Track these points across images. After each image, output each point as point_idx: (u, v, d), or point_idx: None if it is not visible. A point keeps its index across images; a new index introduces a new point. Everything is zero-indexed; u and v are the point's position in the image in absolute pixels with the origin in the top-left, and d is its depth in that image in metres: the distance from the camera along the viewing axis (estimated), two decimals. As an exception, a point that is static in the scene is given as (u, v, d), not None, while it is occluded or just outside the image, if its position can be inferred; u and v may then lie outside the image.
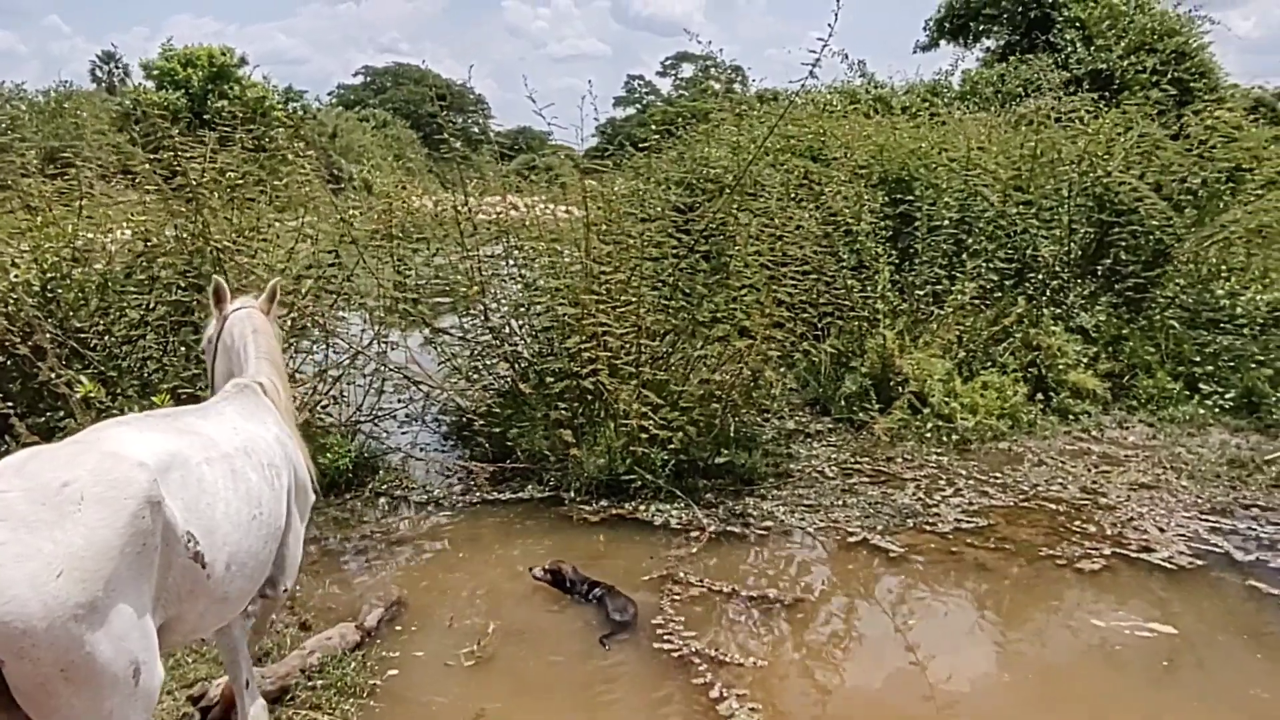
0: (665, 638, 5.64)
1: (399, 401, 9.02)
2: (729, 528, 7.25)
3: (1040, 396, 9.93)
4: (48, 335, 7.55)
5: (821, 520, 7.40)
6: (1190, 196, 11.52)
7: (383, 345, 8.72)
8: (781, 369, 9.03)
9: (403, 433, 9.10)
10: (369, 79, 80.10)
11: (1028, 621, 6.24)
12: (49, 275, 8.02)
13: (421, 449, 8.86)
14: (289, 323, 8.38)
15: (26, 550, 2.56)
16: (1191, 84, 21.49)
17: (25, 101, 25.36)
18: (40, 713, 2.63)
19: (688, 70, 79.07)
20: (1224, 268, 11.15)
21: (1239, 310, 10.49)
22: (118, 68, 51.05)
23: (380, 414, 8.81)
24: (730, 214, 8.94)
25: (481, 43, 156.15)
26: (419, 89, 69.59)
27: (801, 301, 8.46)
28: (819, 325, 9.60)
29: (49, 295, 7.96)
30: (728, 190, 9.52)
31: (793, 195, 10.35)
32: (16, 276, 7.84)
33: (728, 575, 6.53)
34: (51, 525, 2.63)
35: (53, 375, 7.16)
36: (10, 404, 7.07)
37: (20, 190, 8.77)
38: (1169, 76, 19.81)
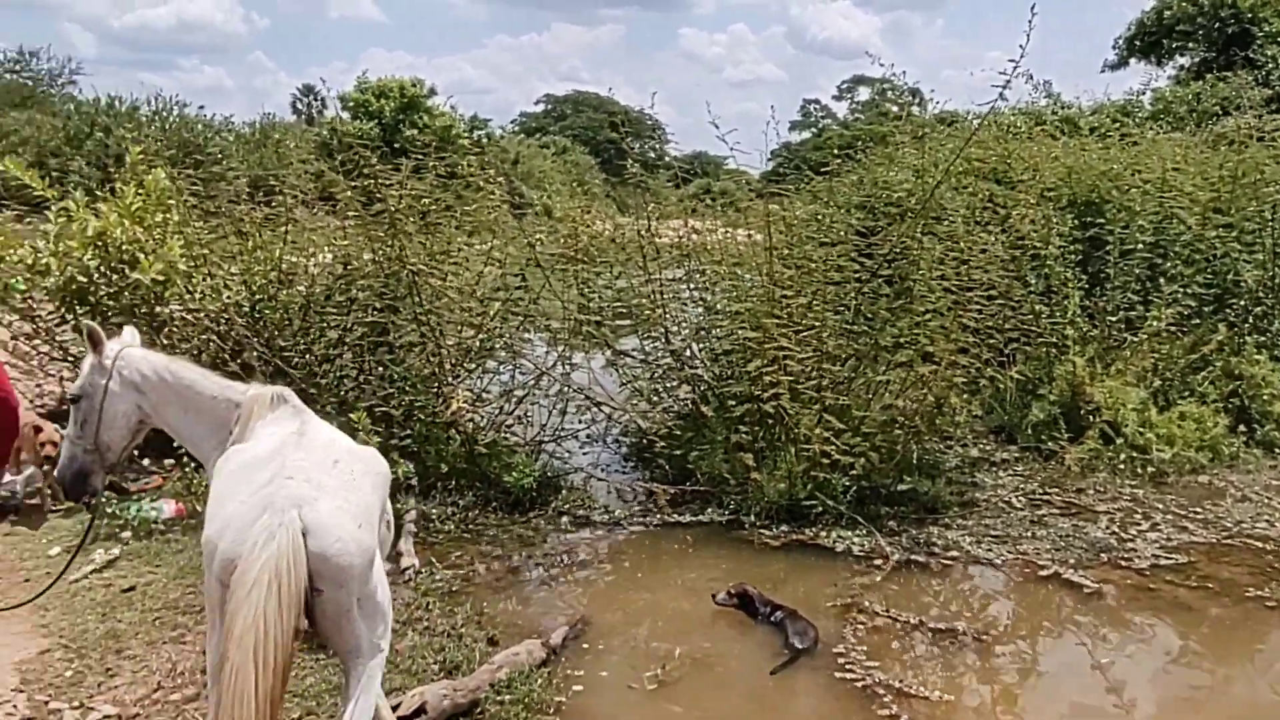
0: (847, 667, 5.56)
1: (581, 422, 9.19)
2: (913, 556, 7.10)
3: (1243, 428, 9.36)
4: (255, 353, 8.02)
5: (1009, 552, 7.17)
6: None
7: (566, 366, 8.93)
8: (966, 395, 8.78)
9: (584, 453, 9.26)
10: (550, 106, 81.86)
11: (1232, 665, 5.90)
12: (257, 296, 8.52)
13: (603, 470, 9.00)
14: (478, 343, 8.69)
15: (342, 505, 3.23)
16: None
17: (233, 133, 27.01)
18: (338, 636, 3.34)
19: (864, 93, 77.92)
20: None
21: None
22: (317, 100, 54.03)
23: (563, 434, 9.01)
24: (913, 238, 8.79)
25: (659, 70, 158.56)
26: (598, 115, 70.98)
27: (987, 327, 8.24)
28: (1005, 351, 9.31)
29: (256, 315, 8.45)
30: (910, 214, 9.38)
31: (977, 219, 10.09)
32: (228, 298, 8.36)
33: (912, 605, 6.41)
34: (345, 489, 3.31)
35: (259, 393, 7.57)
36: (220, 418, 7.49)
37: (232, 216, 9.37)
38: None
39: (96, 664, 5.17)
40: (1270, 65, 21.97)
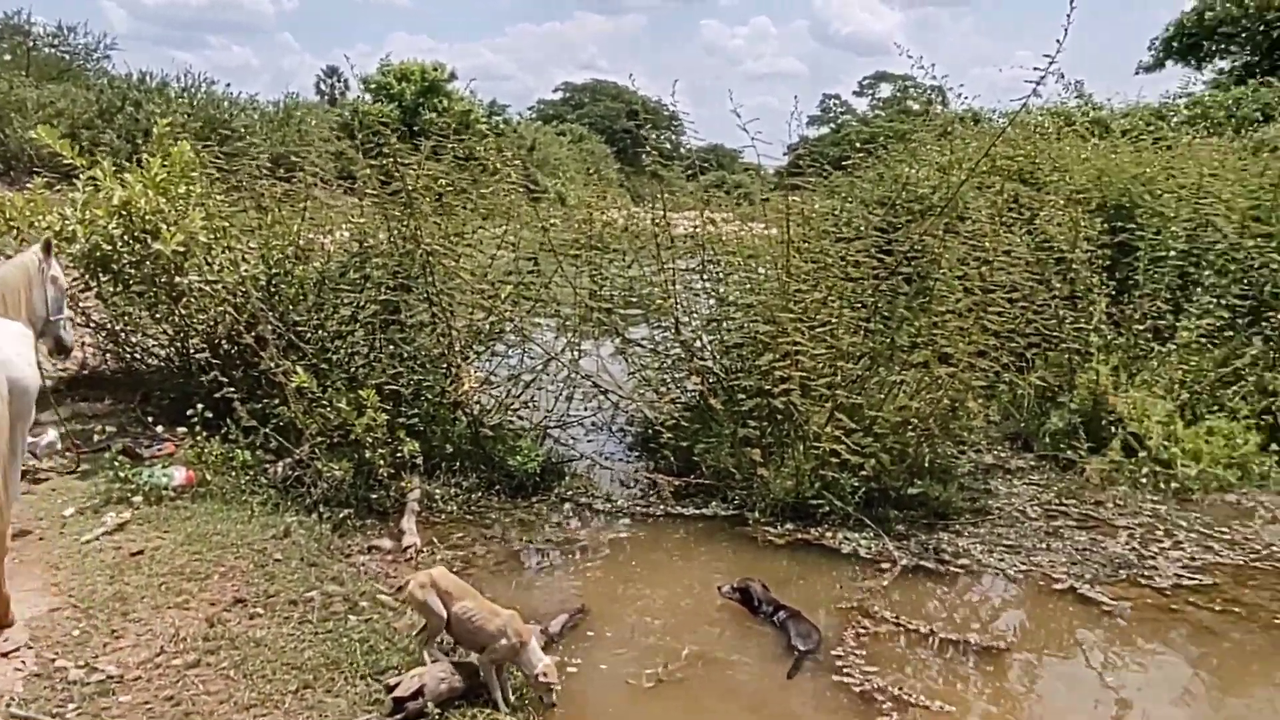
0: (846, 671, 5.42)
1: (587, 409, 9.08)
2: (921, 562, 6.91)
3: (1275, 447, 9.04)
4: (269, 327, 8.00)
5: (1023, 563, 6.95)
6: None
7: (575, 353, 8.81)
8: (983, 399, 8.56)
9: (589, 440, 9.15)
10: (568, 95, 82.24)
11: (1252, 693, 5.67)
12: (274, 271, 8.57)
13: (607, 458, 8.88)
14: (488, 326, 8.61)
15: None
16: None
17: (258, 111, 27.13)
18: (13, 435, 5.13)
19: (885, 90, 77.55)
20: None
21: None
22: (340, 81, 54.29)
23: (569, 421, 8.91)
24: (935, 236, 8.57)
25: (678, 60, 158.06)
26: (615, 105, 71.07)
27: (1008, 330, 8.02)
28: (1025, 356, 9.08)
29: (272, 290, 8.49)
30: (932, 212, 9.16)
31: (1002, 219, 9.85)
32: (246, 271, 8.35)
33: (918, 612, 6.23)
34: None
35: (272, 365, 7.55)
36: (233, 389, 7.49)
37: (253, 191, 9.39)
38: None
39: (103, 625, 5.24)
40: (1315, 73, 21.51)
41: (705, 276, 9.06)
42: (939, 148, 11.93)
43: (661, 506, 7.86)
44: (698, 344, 8.72)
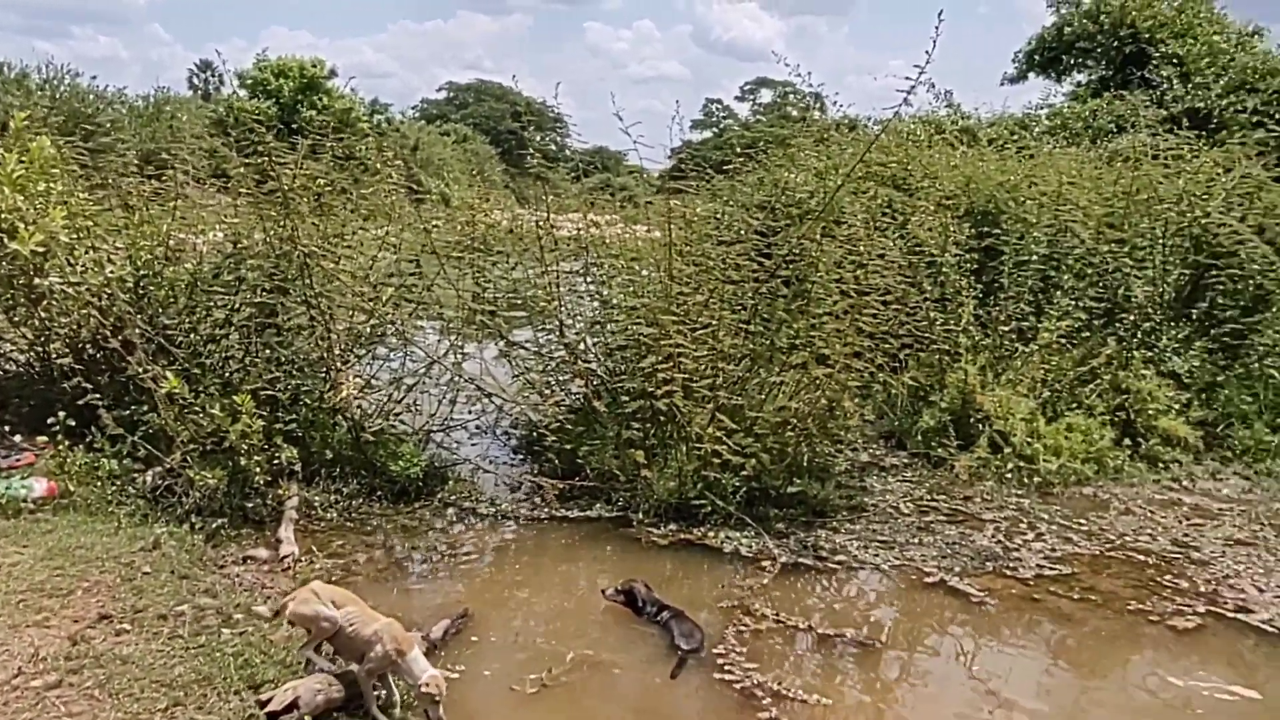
0: (727, 669, 5.52)
1: (471, 413, 9.03)
2: (800, 559, 7.09)
3: (1128, 442, 9.56)
4: (137, 331, 7.71)
5: (896, 558, 7.20)
6: (1294, 240, 11.05)
7: (458, 356, 8.73)
8: (858, 399, 8.82)
9: (473, 444, 9.10)
10: (452, 94, 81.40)
11: (1108, 676, 5.98)
12: (142, 272, 8.21)
13: (491, 461, 8.85)
14: (369, 329, 8.48)
15: None
16: (1295, 126, 20.76)
17: (126, 105, 26.14)
18: None
19: (766, 96, 78.99)
20: (1331, 315, 10.64)
21: (1347, 361, 10.00)
22: (214, 76, 52.64)
23: (452, 424, 8.81)
24: (812, 240, 8.79)
25: (562, 62, 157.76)
26: (500, 105, 70.67)
27: (882, 332, 8.27)
28: (898, 357, 9.38)
29: (140, 292, 8.15)
30: (810, 216, 9.39)
31: (876, 224, 10.16)
32: (112, 272, 8.01)
33: (797, 608, 6.39)
34: None
35: (140, 370, 7.29)
36: (99, 395, 7.20)
37: (119, 189, 9.03)
38: (1274, 118, 19.20)
39: (-45, 646, 4.92)
40: (1165, 86, 22.71)
41: (589, 279, 9.09)
42: (817, 153, 12.20)
43: (546, 509, 7.87)
44: (581, 346, 8.75)
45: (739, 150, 12.45)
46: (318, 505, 7.50)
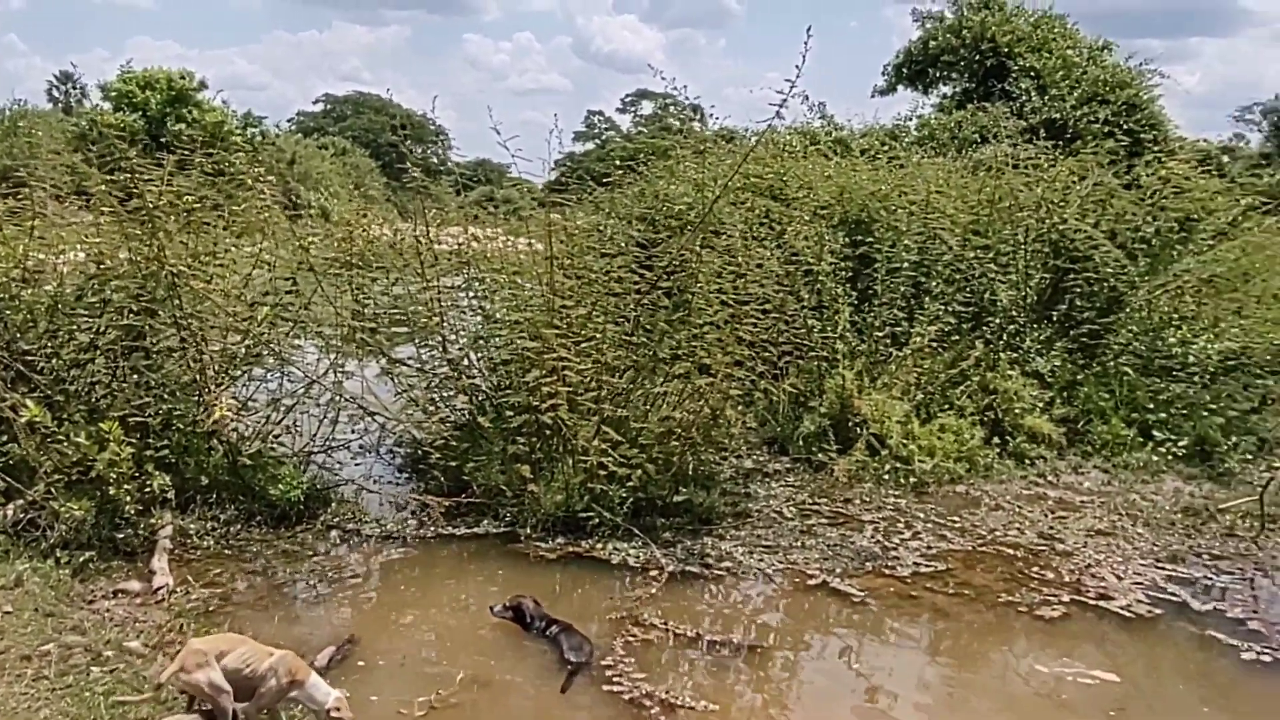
0: (616, 680, 5.56)
1: (353, 432, 8.88)
2: (687, 567, 7.18)
3: (997, 440, 9.97)
4: (-8, 357, 7.35)
5: (780, 562, 7.35)
6: (1143, 245, 11.71)
7: (339, 375, 8.57)
8: (741, 407, 8.99)
9: (356, 464, 8.94)
10: (329, 107, 79.89)
11: (983, 667, 6.25)
12: (-1, 295, 7.80)
13: (375, 481, 8.69)
14: (244, 349, 8.25)
15: None
16: (1142, 135, 21.95)
17: (-23, 118, 24.90)
18: None
19: (647, 107, 79.69)
20: (1176, 316, 11.29)
21: (1190, 358, 10.62)
22: (75, 88, 50.29)
23: (334, 445, 8.65)
24: (692, 251, 8.93)
25: (442, 74, 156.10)
26: (380, 118, 69.72)
27: (762, 340, 8.45)
28: (779, 364, 9.58)
29: (-4, 317, 7.74)
30: (690, 227, 9.52)
31: (754, 234, 10.36)
32: (-38, 297, 7.62)
33: (685, 616, 6.46)
34: None
35: (-3, 399, 6.95)
36: (-46, 427, 6.84)
37: (-31, 209, 8.56)
38: (1122, 128, 20.30)
39: None
40: (1024, 98, 23.73)
41: (471, 293, 9.03)
42: (696, 165, 12.37)
43: (433, 528, 7.78)
44: (465, 362, 8.69)
45: (619, 163, 12.55)
46: (193, 533, 7.27)
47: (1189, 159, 13.97)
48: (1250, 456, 10.12)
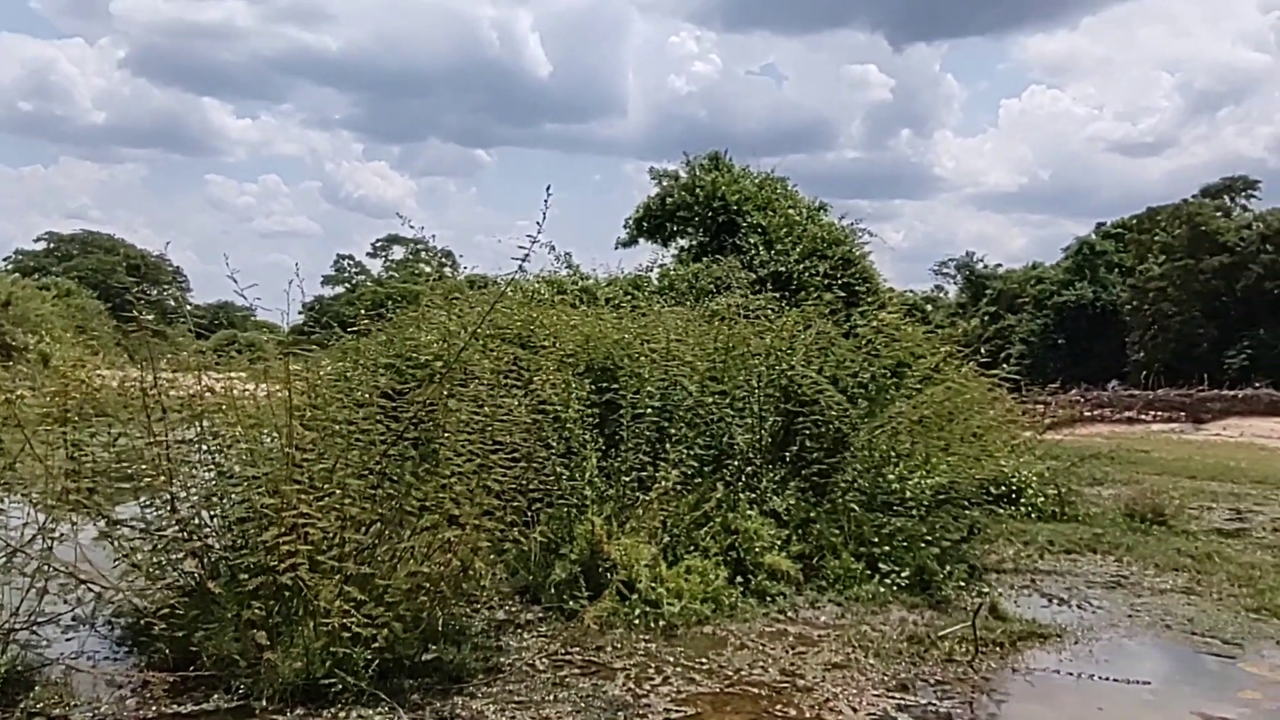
0: None
1: (66, 604, 8.03)
2: (436, 731, 6.90)
3: (740, 579, 10.28)
4: None
5: (532, 717, 7.19)
6: (862, 389, 12.71)
7: (48, 540, 7.82)
8: (492, 557, 8.88)
9: (68, 639, 8.10)
10: (53, 245, 75.37)
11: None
12: None
13: (90, 657, 7.90)
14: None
15: None
16: (857, 288, 24.07)
17: None
18: None
19: (399, 252, 79.91)
20: (894, 454, 12.24)
21: (908, 494, 11.49)
22: None
23: (41, 619, 7.80)
24: (440, 400, 8.88)
25: (182, 213, 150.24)
26: (110, 258, 66.34)
27: (511, 489, 8.44)
28: (529, 512, 9.57)
29: None
30: (438, 376, 9.49)
31: (502, 382, 10.46)
32: None
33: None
34: None
35: None
36: None
37: None
38: (839, 280, 22.17)
39: None
40: (753, 252, 25.50)
41: (205, 447, 8.55)
42: (446, 311, 12.42)
43: (155, 707, 7.07)
44: (196, 521, 8.15)
45: (368, 308, 12.42)
46: None
47: (898, 309, 15.46)
48: (963, 583, 10.92)
